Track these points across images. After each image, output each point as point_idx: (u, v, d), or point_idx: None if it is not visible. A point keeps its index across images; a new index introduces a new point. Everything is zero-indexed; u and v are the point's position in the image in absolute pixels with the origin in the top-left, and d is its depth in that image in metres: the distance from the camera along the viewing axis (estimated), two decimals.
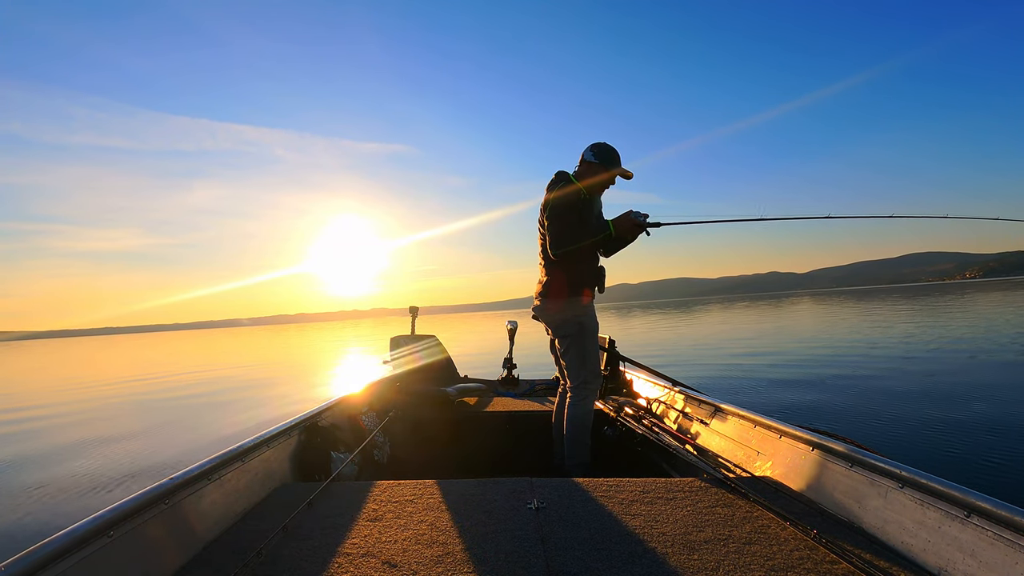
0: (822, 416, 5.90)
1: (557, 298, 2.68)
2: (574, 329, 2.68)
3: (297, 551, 1.51)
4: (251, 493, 1.92)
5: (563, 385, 2.81)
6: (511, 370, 4.51)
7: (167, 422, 8.41)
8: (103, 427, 8.21)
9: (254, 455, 2.05)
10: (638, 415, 2.89)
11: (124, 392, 13.19)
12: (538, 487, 1.96)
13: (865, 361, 10.01)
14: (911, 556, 1.36)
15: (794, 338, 15.76)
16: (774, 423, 2.14)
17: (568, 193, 2.60)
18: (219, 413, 9.01)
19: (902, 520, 1.43)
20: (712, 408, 2.66)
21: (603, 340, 3.85)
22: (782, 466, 1.99)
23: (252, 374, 16.07)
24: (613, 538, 1.54)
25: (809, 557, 1.39)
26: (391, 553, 1.48)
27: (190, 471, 1.68)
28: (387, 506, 1.82)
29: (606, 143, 2.65)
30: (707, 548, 1.46)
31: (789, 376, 8.80)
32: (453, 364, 4.49)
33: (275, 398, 10.46)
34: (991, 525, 1.21)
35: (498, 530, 1.61)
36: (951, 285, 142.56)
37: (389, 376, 3.72)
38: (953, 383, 7.29)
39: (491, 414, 3.47)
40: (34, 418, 9.64)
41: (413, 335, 4.24)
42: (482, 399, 3.92)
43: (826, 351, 12.01)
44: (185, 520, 1.56)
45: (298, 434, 2.46)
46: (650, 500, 1.81)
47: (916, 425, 5.29)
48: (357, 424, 2.98)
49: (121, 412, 9.76)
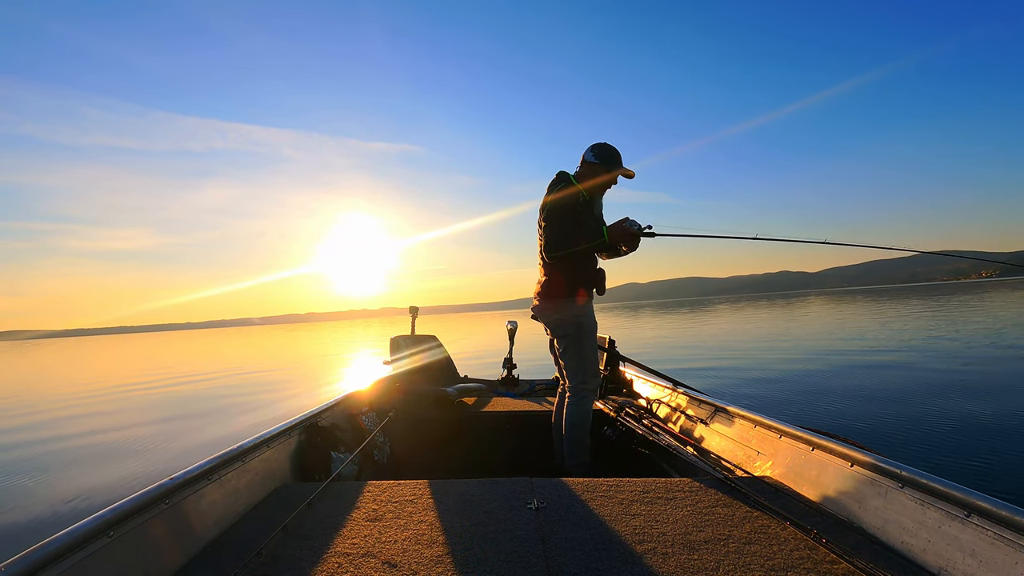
0: (830, 419, 5.90)
1: (555, 298, 2.68)
2: (572, 329, 2.68)
3: (297, 551, 1.50)
4: (251, 493, 1.91)
5: (562, 385, 2.81)
6: (511, 370, 4.52)
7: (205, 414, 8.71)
8: (142, 417, 8.55)
9: (254, 455, 2.05)
10: (638, 415, 2.89)
11: (163, 388, 13.36)
12: (538, 487, 1.96)
13: (866, 361, 10.01)
14: (911, 556, 1.36)
15: (797, 339, 15.76)
16: (774, 423, 2.14)
17: (567, 195, 2.61)
18: (250, 409, 9.20)
19: (902, 520, 1.42)
20: (712, 408, 2.66)
21: (603, 340, 3.85)
22: (782, 466, 1.99)
23: (275, 373, 16.20)
24: (613, 538, 1.54)
25: (809, 557, 1.39)
26: (391, 553, 1.48)
27: (190, 471, 1.68)
28: (387, 506, 1.82)
29: (607, 143, 2.66)
30: (707, 548, 1.46)
31: (789, 377, 8.80)
32: (453, 364, 4.48)
33: (299, 395, 10.64)
34: (991, 525, 1.21)
35: (498, 530, 1.61)
36: (967, 284, 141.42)
37: (389, 376, 3.72)
38: (954, 384, 7.29)
39: (491, 414, 3.47)
40: (81, 415, 9.72)
41: (413, 335, 4.24)
42: (482, 399, 3.92)
43: (828, 351, 12.01)
44: (185, 520, 1.56)
45: (298, 434, 2.46)
46: (650, 500, 1.80)
47: (916, 425, 5.29)
48: (357, 424, 2.98)
49: (165, 407, 9.95)
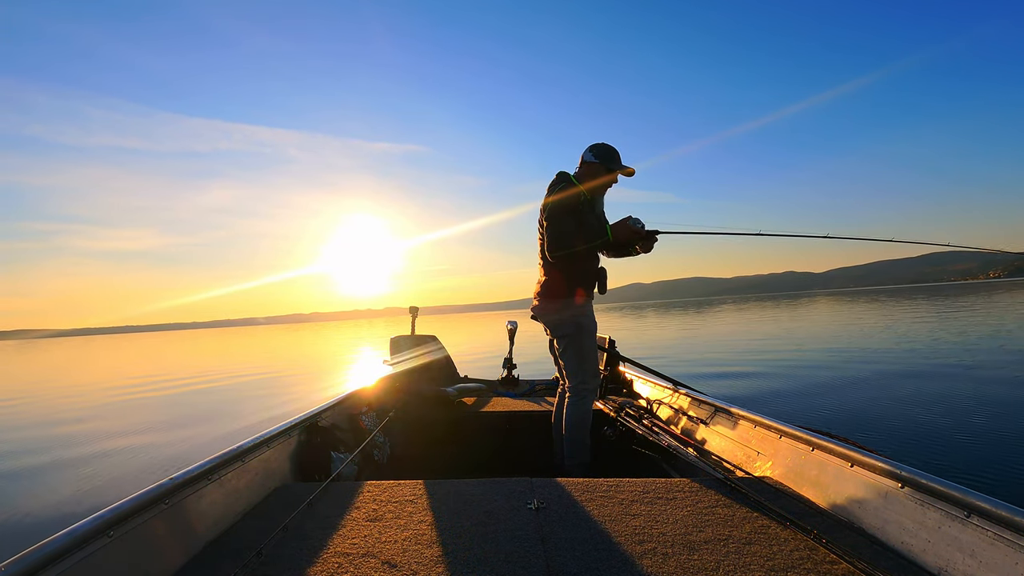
0: (825, 417, 5.91)
1: (555, 298, 2.68)
2: (572, 329, 2.68)
3: (297, 551, 1.50)
4: (251, 493, 1.91)
5: (562, 385, 2.81)
6: (511, 370, 4.52)
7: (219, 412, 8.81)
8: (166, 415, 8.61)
9: (254, 455, 2.05)
10: (638, 415, 2.89)
11: (175, 387, 13.39)
12: (538, 487, 1.96)
13: (867, 361, 10.01)
14: (911, 556, 1.36)
15: (801, 339, 15.74)
16: (774, 423, 2.14)
17: (568, 196, 2.61)
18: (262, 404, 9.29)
19: (902, 520, 1.42)
20: (712, 408, 2.66)
21: (603, 340, 3.85)
22: (782, 466, 1.99)
23: (286, 371, 16.28)
24: (613, 538, 1.54)
25: (809, 557, 1.39)
26: (391, 553, 1.48)
27: (190, 471, 1.67)
28: (387, 506, 1.82)
29: (606, 143, 2.67)
30: (707, 548, 1.46)
31: (792, 377, 8.80)
32: (453, 364, 4.48)
33: (311, 392, 10.73)
34: (991, 525, 1.21)
35: (498, 530, 1.61)
36: (974, 285, 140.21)
37: (389, 376, 3.72)
38: (956, 383, 7.29)
39: (491, 414, 3.46)
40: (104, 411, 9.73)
41: (413, 335, 4.24)
42: (482, 399, 3.92)
43: (829, 351, 12.00)
44: (185, 520, 1.56)
45: (298, 434, 2.46)
46: (650, 500, 1.80)
47: (916, 425, 5.29)
48: (357, 424, 2.98)
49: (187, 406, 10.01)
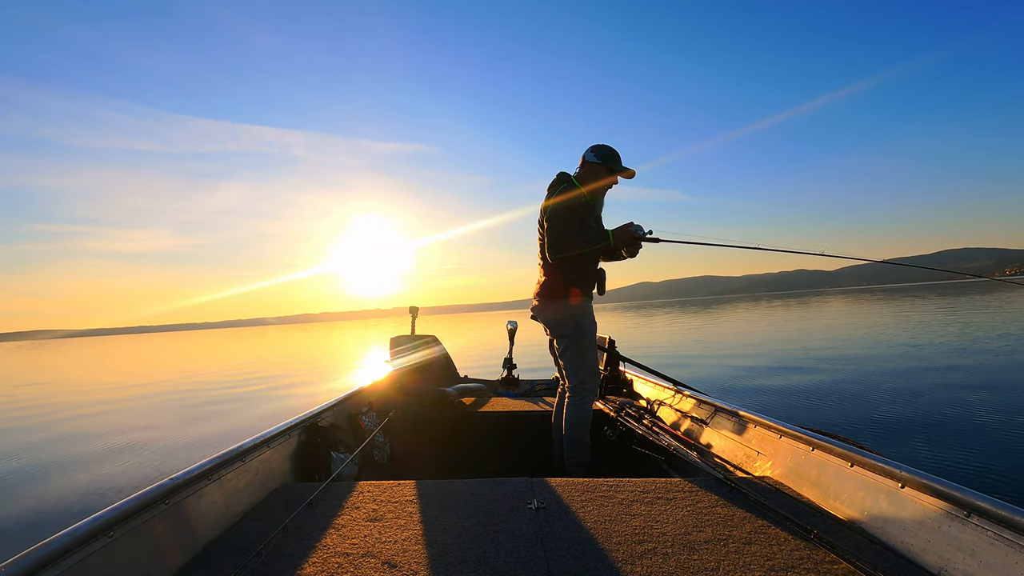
0: (823, 415, 5.90)
1: (554, 299, 2.69)
2: (571, 329, 2.68)
3: (297, 551, 1.50)
4: (251, 493, 1.91)
5: (562, 385, 2.81)
6: (511, 370, 4.52)
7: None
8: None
9: (254, 455, 2.05)
10: (638, 415, 2.89)
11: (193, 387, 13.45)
12: (538, 487, 1.96)
13: (869, 362, 10.01)
14: (911, 556, 1.36)
15: (808, 339, 15.73)
16: (774, 423, 2.14)
17: (570, 197, 2.61)
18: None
19: (902, 520, 1.42)
20: (712, 408, 2.66)
21: (603, 340, 3.85)
22: (782, 466, 1.99)
23: (299, 371, 16.35)
24: (613, 538, 1.54)
25: (809, 557, 1.39)
26: (391, 553, 1.48)
27: (190, 471, 1.67)
28: (387, 506, 1.82)
29: (606, 144, 2.68)
30: (707, 548, 1.46)
31: (792, 377, 8.80)
32: (453, 364, 4.48)
33: (323, 393, 10.79)
34: (991, 525, 1.21)
35: (498, 530, 1.61)
36: (986, 282, 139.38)
37: (389, 376, 3.72)
38: (957, 383, 7.29)
39: (491, 414, 3.46)
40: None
41: (413, 335, 4.24)
42: (482, 399, 3.92)
43: (831, 352, 12.00)
44: (185, 520, 1.56)
45: (298, 434, 2.46)
46: (650, 500, 1.80)
47: (916, 425, 5.29)
48: (357, 424, 2.98)
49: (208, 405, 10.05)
